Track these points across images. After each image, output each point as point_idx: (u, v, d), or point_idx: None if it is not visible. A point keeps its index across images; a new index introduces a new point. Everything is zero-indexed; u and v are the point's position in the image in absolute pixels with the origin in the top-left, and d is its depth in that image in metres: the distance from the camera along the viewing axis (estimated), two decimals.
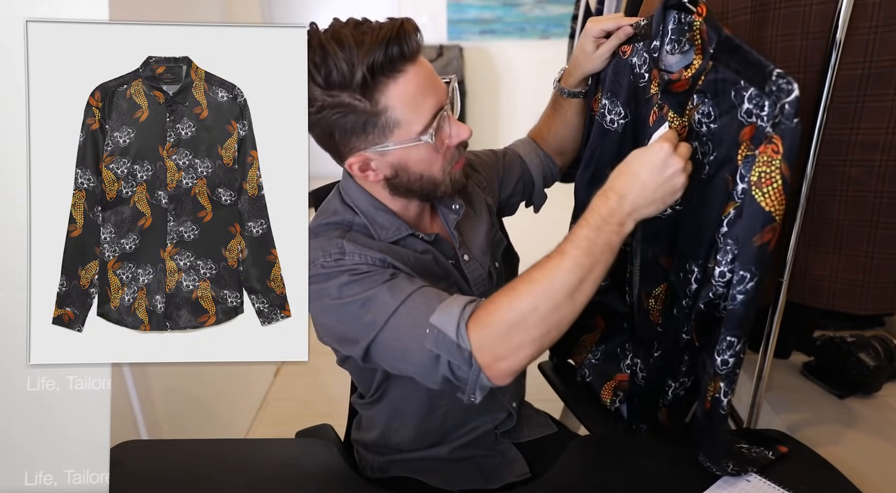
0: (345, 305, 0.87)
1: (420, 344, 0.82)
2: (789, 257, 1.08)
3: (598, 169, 1.15)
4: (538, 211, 1.30)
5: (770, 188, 0.79)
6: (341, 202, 0.99)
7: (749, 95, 0.84)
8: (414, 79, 0.86)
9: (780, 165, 0.78)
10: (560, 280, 0.79)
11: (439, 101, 0.89)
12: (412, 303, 0.84)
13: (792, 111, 0.76)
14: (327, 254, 0.90)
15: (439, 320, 0.81)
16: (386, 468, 1.12)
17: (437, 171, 0.93)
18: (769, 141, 0.79)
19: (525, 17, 5.04)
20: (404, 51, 0.84)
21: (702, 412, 0.95)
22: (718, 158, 0.90)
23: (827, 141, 1.04)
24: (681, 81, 0.93)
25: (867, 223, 1.06)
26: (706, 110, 0.91)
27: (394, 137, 0.88)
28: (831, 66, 0.99)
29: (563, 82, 1.17)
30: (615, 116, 1.10)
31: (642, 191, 0.81)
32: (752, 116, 0.84)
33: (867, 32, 0.98)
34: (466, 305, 0.82)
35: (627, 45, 1.05)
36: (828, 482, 0.97)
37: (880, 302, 1.10)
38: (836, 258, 1.11)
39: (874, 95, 1.00)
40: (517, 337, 0.79)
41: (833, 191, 1.08)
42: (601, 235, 0.81)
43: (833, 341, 1.44)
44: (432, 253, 1.00)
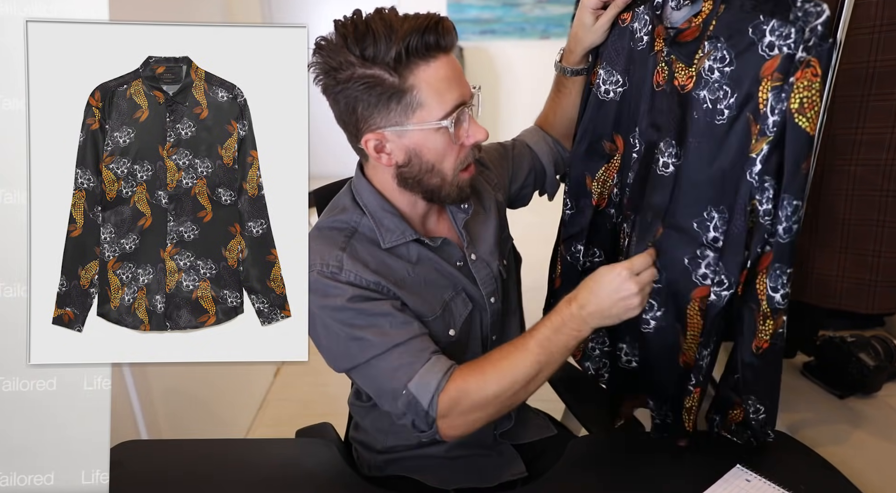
0: (333, 326, 0.91)
1: (393, 397, 0.92)
2: None
3: (593, 142, 1.14)
4: (552, 198, 1.30)
5: (812, 112, 0.80)
6: (352, 200, 1.01)
7: (770, 27, 0.84)
8: (444, 68, 0.88)
9: (819, 88, 0.79)
10: (521, 373, 0.91)
11: (463, 95, 0.91)
12: (397, 355, 0.91)
13: (826, 31, 0.78)
14: (325, 264, 0.92)
15: (416, 389, 0.90)
16: (383, 467, 1.12)
17: (448, 166, 0.94)
18: (807, 65, 0.80)
19: (525, 17, 5.04)
20: (440, 40, 0.87)
21: (753, 356, 0.95)
22: (739, 100, 0.89)
23: (833, 140, 1.04)
24: (690, 29, 0.93)
25: (874, 222, 1.06)
26: (720, 55, 0.90)
27: (415, 118, 0.89)
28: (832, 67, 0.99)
29: (564, 61, 1.16)
30: (611, 85, 1.09)
31: (599, 306, 0.90)
32: (774, 48, 0.84)
33: (870, 32, 0.98)
34: (442, 377, 0.91)
35: (627, 13, 1.04)
36: (828, 482, 0.97)
37: (888, 301, 1.09)
38: (842, 258, 1.10)
39: (879, 94, 1.00)
40: (477, 414, 0.92)
41: (839, 190, 1.08)
42: (559, 336, 0.91)
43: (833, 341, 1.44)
44: (434, 260, 1.01)
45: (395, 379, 0.91)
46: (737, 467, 0.97)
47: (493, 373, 0.91)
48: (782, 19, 0.82)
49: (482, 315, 1.07)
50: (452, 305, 1.02)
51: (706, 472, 0.96)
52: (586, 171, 1.18)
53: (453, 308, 1.02)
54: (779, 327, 0.93)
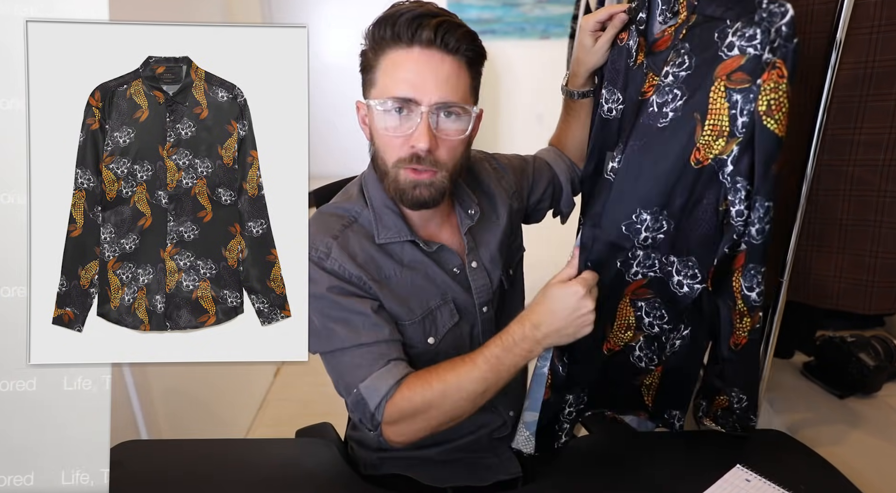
0: (311, 311, 0.92)
1: (346, 391, 0.95)
2: (789, 257, 1.08)
3: (600, 160, 1.15)
4: (565, 221, 1.29)
5: (780, 114, 0.80)
6: (359, 190, 1.03)
7: (735, 29, 0.84)
8: (410, 59, 0.89)
9: (786, 89, 0.79)
10: (466, 387, 0.90)
11: (418, 95, 0.88)
12: (359, 354, 0.93)
13: (790, 32, 0.78)
14: (314, 248, 0.95)
15: (366, 391, 0.92)
16: (378, 465, 1.12)
17: (389, 157, 0.93)
18: (773, 67, 0.79)
19: (525, 17, 5.04)
20: (424, 33, 0.88)
21: (732, 352, 0.97)
22: (688, 101, 0.90)
23: (830, 141, 1.04)
24: (663, 38, 0.96)
25: (871, 223, 1.07)
26: (680, 60, 0.91)
27: (371, 95, 0.94)
28: (831, 66, 0.99)
29: (570, 85, 1.17)
30: (613, 103, 1.10)
31: (554, 325, 0.90)
32: (734, 48, 0.84)
33: (869, 32, 0.98)
34: (394, 384, 0.91)
35: (624, 32, 1.06)
36: (828, 482, 0.97)
37: (885, 301, 1.10)
38: (840, 258, 1.11)
39: (877, 94, 1.00)
40: (420, 423, 0.92)
41: (836, 191, 1.08)
42: (510, 355, 0.91)
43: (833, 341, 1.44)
44: (426, 265, 1.01)
45: (350, 375, 0.93)
46: (737, 467, 0.97)
47: (439, 384, 0.90)
48: (748, 21, 0.82)
49: (472, 325, 1.06)
50: (437, 313, 1.02)
51: (706, 472, 0.96)
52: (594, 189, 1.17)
53: (437, 317, 1.02)
54: (755, 323, 0.95)
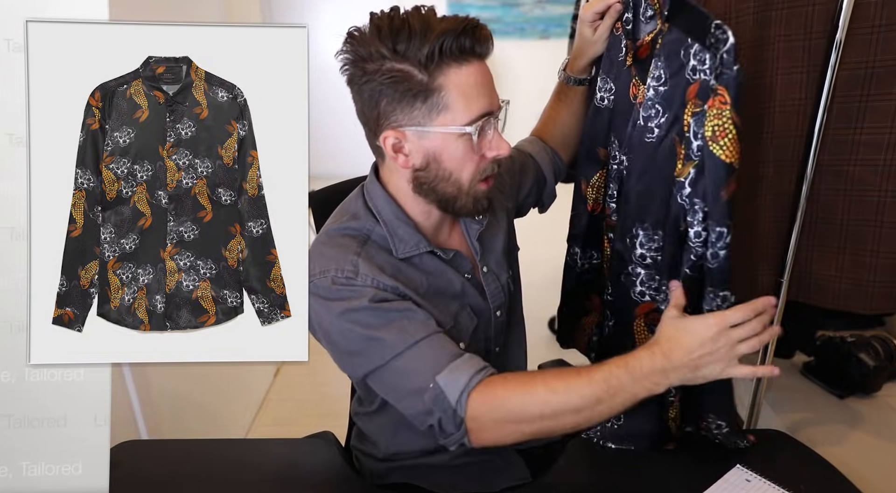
0: (350, 330, 0.88)
1: (418, 394, 0.85)
2: (789, 257, 1.08)
3: (589, 148, 1.17)
4: (545, 211, 1.29)
5: (726, 140, 0.80)
6: (364, 206, 0.97)
7: (693, 51, 0.85)
8: (475, 74, 0.86)
9: (730, 115, 0.79)
10: (574, 402, 0.82)
11: (492, 105, 0.88)
12: (420, 351, 0.86)
13: (731, 59, 0.77)
14: (340, 269, 0.89)
15: (445, 382, 0.84)
16: (385, 475, 1.11)
17: (465, 176, 0.90)
18: (715, 94, 0.80)
19: (525, 17, 5.04)
20: (475, 46, 0.86)
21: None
22: (669, 119, 0.91)
23: (830, 141, 1.04)
24: (644, 46, 0.96)
25: (872, 222, 1.07)
26: (658, 74, 0.91)
27: (438, 121, 0.86)
28: (831, 66, 0.99)
29: (568, 70, 1.18)
30: (605, 92, 1.12)
31: (688, 364, 0.81)
32: (696, 72, 0.85)
33: (869, 32, 0.98)
34: (475, 374, 0.84)
35: (620, 22, 1.07)
36: (828, 482, 0.97)
37: (887, 301, 1.10)
38: (841, 258, 1.11)
39: (877, 94, 1.00)
40: (511, 427, 0.84)
41: (837, 190, 1.08)
42: (634, 386, 0.81)
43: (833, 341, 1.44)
44: (445, 271, 0.99)
45: (419, 375, 0.85)
46: (737, 467, 0.97)
47: (544, 391, 0.83)
48: (702, 44, 0.83)
49: (486, 328, 1.06)
50: (460, 318, 1.00)
51: (706, 472, 0.96)
52: (582, 176, 1.20)
53: (461, 321, 1.00)
54: None
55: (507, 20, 5.04)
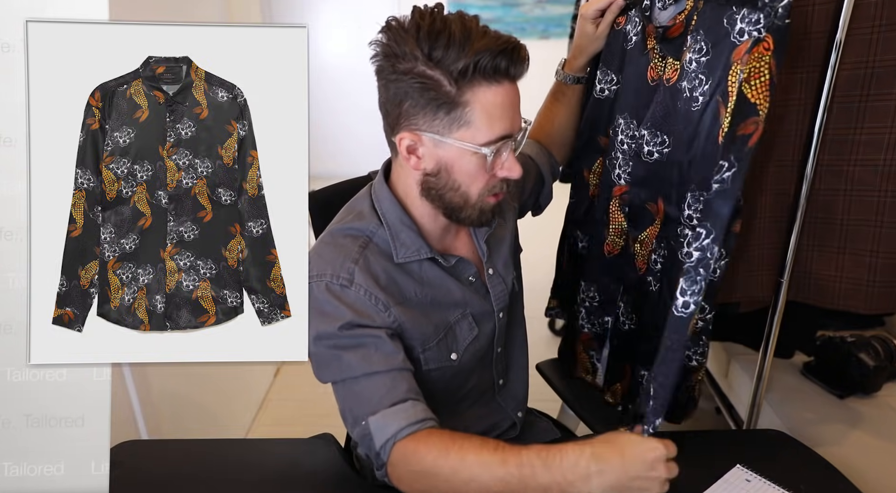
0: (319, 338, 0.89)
1: (353, 423, 0.88)
2: (789, 257, 1.08)
3: (589, 137, 1.24)
4: (540, 212, 1.30)
5: (757, 82, 0.84)
6: (370, 207, 0.98)
7: (741, 15, 0.88)
8: (504, 95, 0.86)
9: (769, 60, 0.83)
10: (482, 478, 0.79)
11: (513, 128, 0.89)
12: (372, 383, 0.87)
13: (785, 13, 0.83)
14: (336, 275, 0.91)
15: (375, 426, 0.85)
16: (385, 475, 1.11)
17: (474, 190, 0.91)
18: (760, 42, 0.84)
19: (525, 17, 5.04)
20: (510, 67, 0.85)
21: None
22: (713, 85, 0.94)
23: (830, 141, 1.04)
24: (676, 26, 1.01)
25: (872, 222, 1.07)
26: (698, 47, 0.95)
27: (457, 134, 0.86)
28: (831, 66, 0.99)
29: (566, 69, 1.21)
30: (606, 84, 1.18)
31: (616, 469, 0.76)
32: (744, 34, 0.88)
33: (869, 32, 0.98)
34: (407, 426, 0.84)
35: (621, 17, 1.13)
36: (828, 482, 0.97)
37: (887, 301, 1.10)
38: (841, 258, 1.11)
39: (878, 94, 1.00)
40: (426, 482, 0.82)
41: (837, 191, 1.08)
42: (547, 474, 0.77)
43: (833, 341, 1.44)
44: (444, 279, 0.99)
45: (361, 406, 0.87)
46: (737, 467, 0.97)
47: (456, 459, 0.80)
48: (752, 7, 0.87)
49: (490, 333, 1.05)
50: (457, 328, 1.00)
51: (706, 472, 0.96)
52: (583, 165, 1.27)
53: (457, 331, 1.00)
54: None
55: (507, 20, 5.04)
